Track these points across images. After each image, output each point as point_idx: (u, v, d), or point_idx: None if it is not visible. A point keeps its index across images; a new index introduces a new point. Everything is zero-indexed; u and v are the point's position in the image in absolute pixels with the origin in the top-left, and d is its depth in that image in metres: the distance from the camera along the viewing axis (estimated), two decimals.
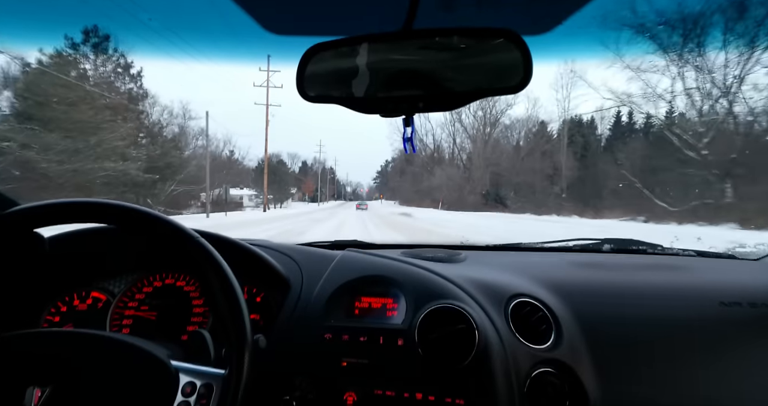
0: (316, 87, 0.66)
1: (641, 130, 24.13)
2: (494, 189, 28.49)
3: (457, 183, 31.42)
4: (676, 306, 0.91)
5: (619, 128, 27.23)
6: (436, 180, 33.69)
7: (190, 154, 22.63)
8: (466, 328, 0.76)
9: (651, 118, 21.14)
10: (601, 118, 28.31)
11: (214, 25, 2.68)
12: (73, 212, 0.65)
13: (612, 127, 28.05)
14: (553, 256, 1.25)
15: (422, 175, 41.40)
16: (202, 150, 23.95)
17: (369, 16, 0.78)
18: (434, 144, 40.50)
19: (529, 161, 28.68)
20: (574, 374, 0.79)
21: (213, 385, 0.59)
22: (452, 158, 36.71)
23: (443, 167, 34.39)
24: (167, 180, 18.95)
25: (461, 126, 33.83)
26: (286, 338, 0.82)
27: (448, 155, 39.09)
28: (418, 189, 40.74)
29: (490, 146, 32.72)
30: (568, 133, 28.57)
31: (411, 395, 0.76)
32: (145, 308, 0.92)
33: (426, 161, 40.83)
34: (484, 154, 31.45)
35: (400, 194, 54.43)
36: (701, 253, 1.22)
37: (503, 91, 0.65)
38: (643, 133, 23.24)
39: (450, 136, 36.48)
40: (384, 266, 0.94)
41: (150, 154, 17.77)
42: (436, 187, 32.91)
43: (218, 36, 2.06)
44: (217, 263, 0.64)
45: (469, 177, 31.71)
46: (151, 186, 17.98)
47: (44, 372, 0.59)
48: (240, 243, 0.90)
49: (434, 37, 0.62)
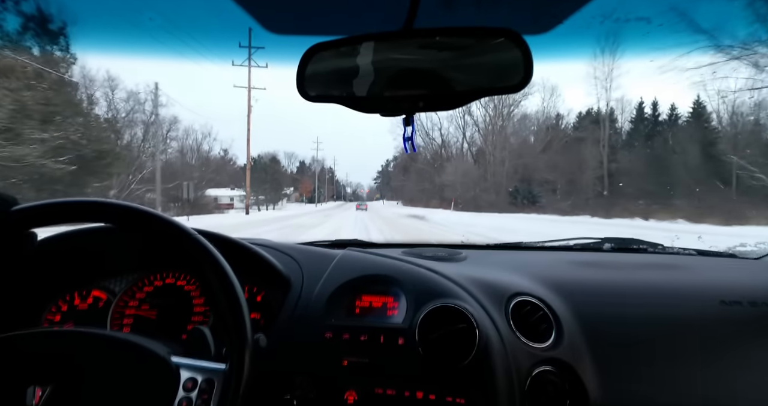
0: (316, 87, 0.66)
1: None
2: (524, 186, 23.55)
3: (473, 180, 27.41)
4: (676, 305, 0.91)
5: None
6: (448, 177, 29.43)
7: (158, 147, 19.01)
8: (467, 327, 0.76)
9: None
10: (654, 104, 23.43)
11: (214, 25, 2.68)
12: (72, 211, 0.65)
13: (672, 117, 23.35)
14: (553, 255, 1.25)
15: (429, 172, 38.07)
16: (178, 144, 22.23)
17: (369, 16, 0.78)
18: (441, 138, 36.18)
19: (559, 153, 24.18)
20: (574, 373, 0.79)
21: (214, 380, 0.59)
22: (462, 154, 32.88)
23: (455, 163, 30.54)
24: (99, 173, 14.34)
25: (471, 118, 29.44)
26: (286, 337, 0.82)
27: (456, 150, 35.25)
28: (424, 188, 38.19)
29: (510, 137, 28.02)
30: (612, 121, 23.89)
31: (411, 393, 0.76)
32: (146, 307, 0.92)
33: (433, 157, 37.26)
34: (505, 146, 27.46)
35: (403, 194, 51.45)
36: (702, 252, 1.22)
37: (503, 91, 0.65)
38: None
39: (459, 129, 32.34)
40: (384, 265, 0.94)
41: (71, 136, 12.66)
42: (447, 185, 29.04)
43: (218, 35, 2.06)
44: (217, 261, 0.64)
45: (485, 173, 27.37)
46: (76, 182, 12.92)
47: (45, 371, 0.60)
48: (240, 242, 0.90)
49: (435, 37, 0.62)
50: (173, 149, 22.87)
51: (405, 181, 47.47)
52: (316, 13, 0.79)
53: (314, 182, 59.31)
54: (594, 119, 24.65)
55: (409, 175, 46.07)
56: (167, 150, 21.45)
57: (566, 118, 27.27)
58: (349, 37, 0.64)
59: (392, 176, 68.91)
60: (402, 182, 49.92)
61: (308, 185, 62.07)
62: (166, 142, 21.24)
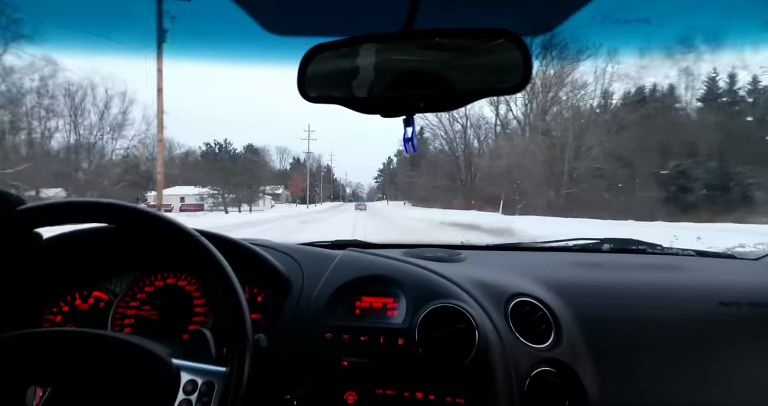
0: (316, 87, 0.66)
1: None
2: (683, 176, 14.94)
3: (541, 169, 17.70)
4: (675, 306, 0.91)
5: None
6: (501, 163, 19.43)
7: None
8: (466, 327, 0.76)
9: None
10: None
11: (213, 26, 2.69)
12: (76, 212, 0.65)
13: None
14: (552, 256, 1.26)
15: (450, 165, 28.90)
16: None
17: (370, 17, 0.78)
18: (467, 119, 26.53)
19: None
20: (573, 373, 0.79)
21: (214, 383, 0.59)
22: (520, 132, 22.09)
23: (506, 147, 20.83)
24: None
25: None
26: (287, 337, 0.82)
27: (487, 134, 25.49)
28: (441, 185, 29.50)
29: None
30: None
31: (411, 394, 0.76)
32: (147, 307, 0.92)
33: (456, 146, 28.08)
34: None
35: (411, 192, 42.51)
36: (701, 252, 1.22)
37: (503, 91, 0.65)
38: None
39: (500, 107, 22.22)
40: (384, 265, 0.94)
41: None
42: (488, 178, 20.31)
43: (218, 36, 2.06)
44: (217, 262, 0.64)
45: (555, 158, 17.73)
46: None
47: (45, 372, 0.60)
48: (241, 243, 0.90)
49: (434, 38, 0.63)
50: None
51: (414, 177, 39.00)
52: (317, 14, 0.79)
53: (306, 179, 48.27)
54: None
55: (419, 169, 37.97)
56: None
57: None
58: (349, 38, 0.64)
59: (398, 172, 60.23)
60: (410, 178, 41.33)
61: (299, 183, 52.68)
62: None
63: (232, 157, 33.38)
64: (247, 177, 29.30)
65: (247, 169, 30.90)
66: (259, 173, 33.42)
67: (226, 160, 32.50)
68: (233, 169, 28.96)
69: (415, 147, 0.68)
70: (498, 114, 22.99)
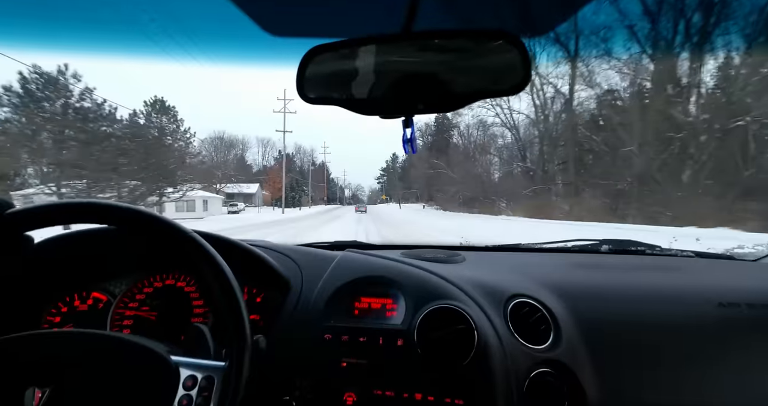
0: (315, 89, 0.66)
1: None
2: None
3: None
4: (674, 307, 0.91)
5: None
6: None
7: None
8: (466, 328, 0.76)
9: None
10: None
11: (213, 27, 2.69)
12: (70, 213, 0.65)
13: None
14: (551, 257, 1.26)
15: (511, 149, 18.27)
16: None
17: (369, 18, 0.78)
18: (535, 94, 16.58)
19: None
20: (572, 375, 0.79)
21: (214, 377, 0.59)
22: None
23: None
24: None
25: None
26: (286, 338, 0.82)
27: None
28: (485, 183, 20.12)
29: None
30: None
31: (410, 395, 0.76)
32: (146, 308, 0.92)
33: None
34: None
35: (434, 191, 29.96)
36: (699, 254, 1.23)
37: (503, 93, 0.65)
38: None
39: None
40: (383, 266, 0.94)
41: None
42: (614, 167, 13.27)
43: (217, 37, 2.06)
44: (216, 263, 0.64)
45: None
46: None
47: (44, 373, 0.60)
48: (240, 243, 0.90)
49: (433, 39, 0.63)
50: None
51: (441, 167, 26.04)
52: (316, 15, 0.80)
53: (282, 171, 36.64)
54: None
55: (446, 157, 25.80)
56: None
57: None
58: (348, 40, 0.64)
59: (413, 166, 40.79)
60: (435, 170, 27.37)
61: (276, 180, 41.26)
62: None
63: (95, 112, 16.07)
64: (147, 166, 16.38)
65: (147, 152, 16.99)
66: (165, 160, 18.34)
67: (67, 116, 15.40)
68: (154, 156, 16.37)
69: (415, 149, 0.68)
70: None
